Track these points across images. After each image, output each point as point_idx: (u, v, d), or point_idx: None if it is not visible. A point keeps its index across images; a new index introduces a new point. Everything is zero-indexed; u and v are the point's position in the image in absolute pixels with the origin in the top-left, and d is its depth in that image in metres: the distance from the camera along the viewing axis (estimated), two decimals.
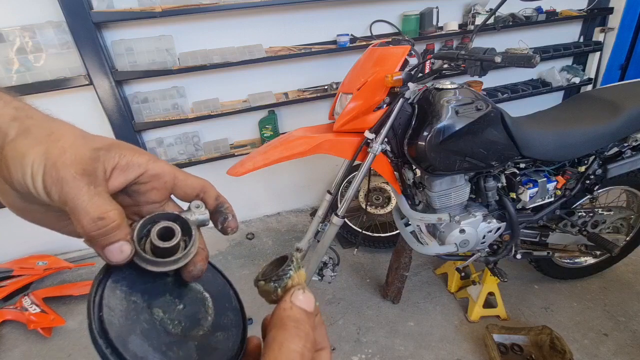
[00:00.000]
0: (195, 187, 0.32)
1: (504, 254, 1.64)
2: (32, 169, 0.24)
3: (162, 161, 0.31)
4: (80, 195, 0.24)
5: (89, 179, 0.25)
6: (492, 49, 1.17)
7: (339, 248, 2.39)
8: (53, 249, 2.43)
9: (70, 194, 0.24)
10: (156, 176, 0.30)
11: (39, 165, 0.24)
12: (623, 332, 1.68)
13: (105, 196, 0.26)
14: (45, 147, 0.25)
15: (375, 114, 1.37)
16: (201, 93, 2.31)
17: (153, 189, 0.31)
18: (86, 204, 0.24)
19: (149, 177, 0.30)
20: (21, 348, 1.83)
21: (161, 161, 0.31)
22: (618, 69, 3.04)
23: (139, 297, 0.28)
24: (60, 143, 0.25)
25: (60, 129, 0.26)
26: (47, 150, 0.25)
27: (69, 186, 0.24)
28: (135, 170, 0.29)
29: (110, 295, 0.26)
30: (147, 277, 0.29)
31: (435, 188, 1.43)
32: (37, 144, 0.25)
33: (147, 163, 0.29)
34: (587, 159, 1.56)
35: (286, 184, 2.80)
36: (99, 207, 0.25)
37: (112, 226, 0.25)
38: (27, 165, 0.24)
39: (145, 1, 1.93)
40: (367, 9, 2.42)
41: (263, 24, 2.25)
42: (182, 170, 0.32)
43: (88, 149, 0.26)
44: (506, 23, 2.57)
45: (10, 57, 1.85)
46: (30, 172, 0.24)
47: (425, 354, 1.65)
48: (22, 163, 0.24)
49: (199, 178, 0.33)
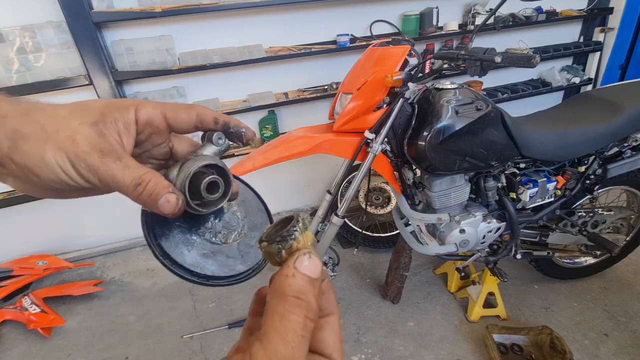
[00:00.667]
0: (189, 121, 0.32)
1: (504, 254, 1.64)
2: (60, 166, 0.26)
3: (147, 105, 0.31)
4: (115, 173, 0.27)
5: (111, 156, 0.27)
6: (492, 49, 1.17)
7: (339, 248, 2.39)
8: (53, 249, 2.43)
9: (107, 176, 0.27)
10: (148, 122, 0.31)
11: (63, 160, 0.26)
12: (623, 332, 1.68)
13: (133, 164, 0.28)
14: (52, 142, 0.26)
15: (375, 114, 1.37)
16: (201, 93, 2.31)
17: (151, 135, 0.32)
18: (123, 178, 0.27)
19: (142, 126, 0.31)
20: (21, 348, 1.83)
21: (146, 105, 0.31)
22: (618, 69, 3.04)
23: (183, 222, 0.33)
24: (62, 132, 0.26)
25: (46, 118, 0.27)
26: (59, 145, 0.26)
27: (101, 171, 0.26)
28: (132, 126, 0.30)
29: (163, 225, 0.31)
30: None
31: (435, 188, 1.42)
32: (42, 142, 0.26)
33: (136, 114, 0.30)
34: (587, 159, 1.56)
35: (286, 184, 2.80)
36: (132, 176, 0.27)
37: (150, 185, 0.27)
38: (52, 164, 0.26)
39: (145, 1, 1.93)
40: (367, 9, 2.42)
41: (263, 24, 2.25)
42: (170, 104, 0.32)
43: (89, 127, 0.27)
44: (506, 23, 2.57)
45: (10, 57, 1.85)
46: (60, 170, 0.26)
47: (425, 354, 1.65)
48: (45, 164, 0.26)
49: (189, 108, 0.32)
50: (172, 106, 0.32)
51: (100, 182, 0.27)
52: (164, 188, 0.28)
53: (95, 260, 2.45)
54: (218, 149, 0.33)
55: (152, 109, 0.31)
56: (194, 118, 0.32)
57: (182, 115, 0.32)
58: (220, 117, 0.33)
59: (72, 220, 2.43)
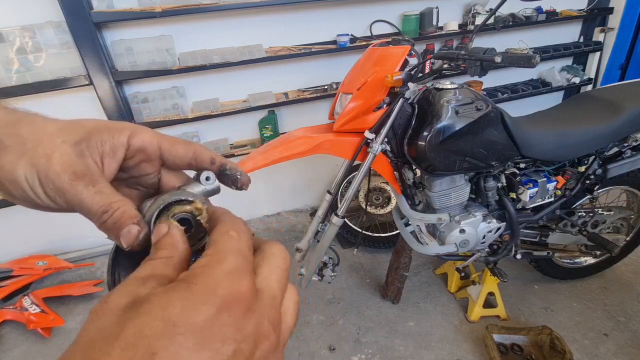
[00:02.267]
0: (184, 157, 0.31)
1: (504, 254, 1.64)
2: (28, 183, 0.25)
3: (144, 132, 0.29)
4: (83, 198, 0.25)
5: (84, 180, 0.26)
6: (492, 49, 1.17)
7: (339, 248, 2.39)
8: (53, 249, 2.43)
9: (74, 200, 0.25)
10: (140, 150, 0.29)
11: (32, 178, 0.25)
12: (623, 332, 1.68)
13: (107, 190, 0.26)
14: (27, 158, 0.25)
15: (375, 114, 1.37)
16: (201, 93, 2.31)
17: (141, 162, 0.30)
18: (90, 205, 0.25)
19: (133, 152, 0.29)
20: (21, 348, 1.83)
21: (143, 132, 0.29)
22: (618, 69, 3.04)
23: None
24: (41, 149, 0.25)
25: (31, 132, 0.26)
26: (33, 162, 0.25)
27: (69, 194, 0.25)
28: (120, 150, 0.28)
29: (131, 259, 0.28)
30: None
31: (435, 188, 1.42)
32: (19, 156, 0.25)
33: (129, 139, 0.29)
34: (587, 159, 1.56)
35: (286, 184, 2.80)
36: (101, 203, 0.26)
37: (117, 214, 0.26)
38: (21, 181, 0.25)
39: (145, 1, 1.93)
40: (367, 9, 2.42)
41: (263, 24, 2.25)
42: (169, 137, 0.31)
43: (70, 146, 0.26)
44: (506, 23, 2.57)
45: (10, 57, 1.85)
46: (28, 187, 0.25)
47: (425, 354, 1.65)
48: (15, 179, 0.25)
49: (187, 144, 0.31)
50: (170, 138, 0.30)
51: (67, 205, 0.26)
52: (130, 218, 0.26)
53: (95, 261, 2.45)
54: (203, 188, 0.31)
55: (148, 137, 0.29)
56: (190, 154, 0.30)
57: (179, 150, 0.30)
58: (217, 159, 0.31)
59: (72, 220, 2.42)
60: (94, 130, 0.27)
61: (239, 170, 0.32)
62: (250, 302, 0.19)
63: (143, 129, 0.30)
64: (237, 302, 0.18)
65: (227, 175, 0.32)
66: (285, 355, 1.71)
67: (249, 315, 0.19)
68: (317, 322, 1.85)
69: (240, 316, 0.18)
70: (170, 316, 0.17)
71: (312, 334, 1.79)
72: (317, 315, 1.89)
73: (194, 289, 0.18)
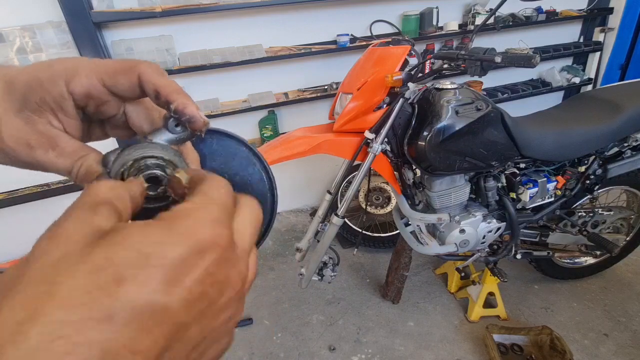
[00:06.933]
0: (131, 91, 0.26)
1: (504, 254, 1.64)
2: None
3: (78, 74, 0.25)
4: (46, 166, 0.25)
5: (42, 148, 0.25)
6: (492, 49, 1.17)
7: (339, 248, 2.39)
8: None
9: (39, 168, 0.25)
10: (87, 96, 0.25)
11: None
12: (623, 332, 1.68)
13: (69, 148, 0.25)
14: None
15: (375, 114, 1.37)
16: (201, 93, 2.31)
17: (98, 107, 0.27)
18: (57, 168, 0.25)
19: (82, 100, 0.26)
20: None
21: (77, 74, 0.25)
22: (618, 69, 3.04)
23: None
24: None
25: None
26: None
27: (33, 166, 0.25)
28: (66, 102, 0.25)
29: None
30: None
31: (435, 188, 1.43)
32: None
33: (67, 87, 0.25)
34: (587, 159, 1.56)
35: (286, 184, 2.80)
36: (66, 163, 0.25)
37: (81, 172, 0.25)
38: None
39: (145, 1, 1.93)
40: (367, 9, 2.42)
41: (263, 24, 2.25)
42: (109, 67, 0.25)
43: (14, 115, 0.24)
44: (506, 23, 2.57)
45: (10, 57, 1.85)
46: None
47: (425, 354, 1.65)
48: None
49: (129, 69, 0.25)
50: (110, 69, 0.25)
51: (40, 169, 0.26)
52: (91, 174, 0.25)
53: None
54: (174, 136, 0.26)
55: (85, 79, 0.25)
56: (135, 83, 0.25)
57: (122, 81, 0.25)
58: (163, 91, 0.25)
59: None
60: (28, 90, 0.24)
61: (188, 112, 0.25)
62: (226, 252, 0.19)
63: (77, 66, 0.25)
64: (213, 250, 0.19)
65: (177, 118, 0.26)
66: (285, 355, 1.71)
67: (222, 264, 0.19)
68: (317, 322, 1.85)
69: (213, 263, 0.18)
70: (145, 248, 0.17)
71: (312, 333, 1.79)
72: (317, 315, 1.89)
73: (173, 228, 0.18)
